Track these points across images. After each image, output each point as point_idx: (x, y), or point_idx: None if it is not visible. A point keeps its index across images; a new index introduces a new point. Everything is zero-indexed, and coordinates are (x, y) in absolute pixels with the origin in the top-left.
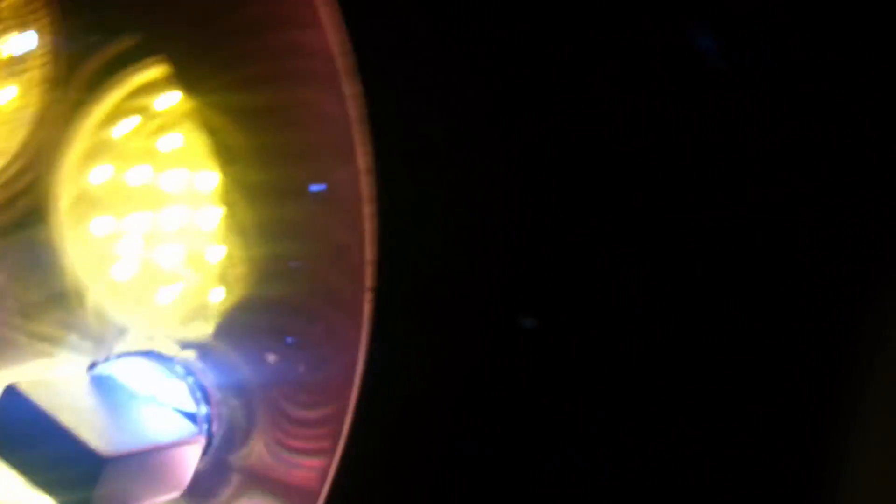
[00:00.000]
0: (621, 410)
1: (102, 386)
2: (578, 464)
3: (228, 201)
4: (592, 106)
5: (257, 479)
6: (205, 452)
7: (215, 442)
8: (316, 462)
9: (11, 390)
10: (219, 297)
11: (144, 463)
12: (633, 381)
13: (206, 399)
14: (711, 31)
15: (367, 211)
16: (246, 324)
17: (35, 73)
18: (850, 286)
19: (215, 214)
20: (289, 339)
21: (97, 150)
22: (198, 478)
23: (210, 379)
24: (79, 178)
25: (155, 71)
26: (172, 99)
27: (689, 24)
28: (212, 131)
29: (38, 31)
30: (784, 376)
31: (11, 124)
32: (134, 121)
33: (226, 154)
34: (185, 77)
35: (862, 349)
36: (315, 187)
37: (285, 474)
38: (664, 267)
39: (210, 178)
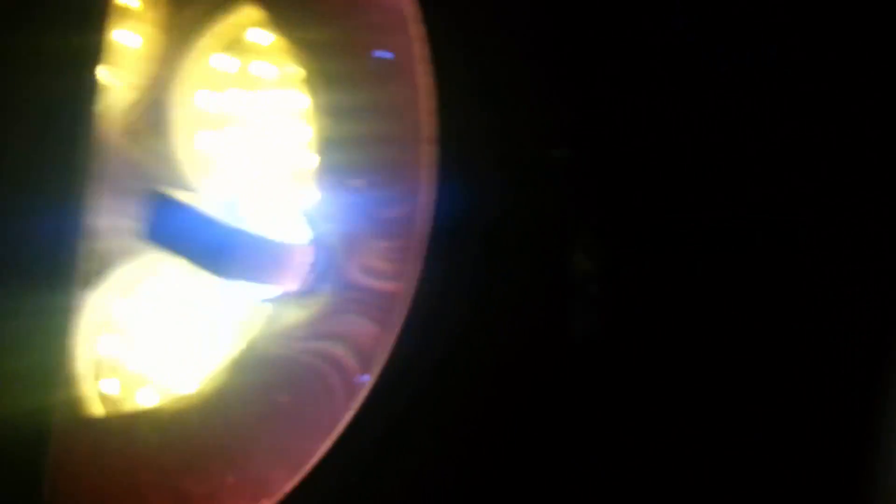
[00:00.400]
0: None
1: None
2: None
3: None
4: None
5: (350, 295)
6: (310, 269)
7: (318, 261)
8: (396, 286)
9: (158, 194)
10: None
11: (265, 251)
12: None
13: (310, 227)
14: (711, 31)
15: (423, 69)
16: (334, 172)
17: (150, 19)
18: (850, 286)
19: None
20: (370, 181)
21: (201, 78)
22: (303, 287)
23: (311, 213)
24: (187, 101)
25: (246, 12)
26: (267, 35)
27: (689, 24)
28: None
29: None
30: (784, 378)
31: (134, 62)
32: (235, 54)
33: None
34: (271, 17)
35: (866, 351)
36: (378, 53)
37: (372, 294)
38: (665, 266)
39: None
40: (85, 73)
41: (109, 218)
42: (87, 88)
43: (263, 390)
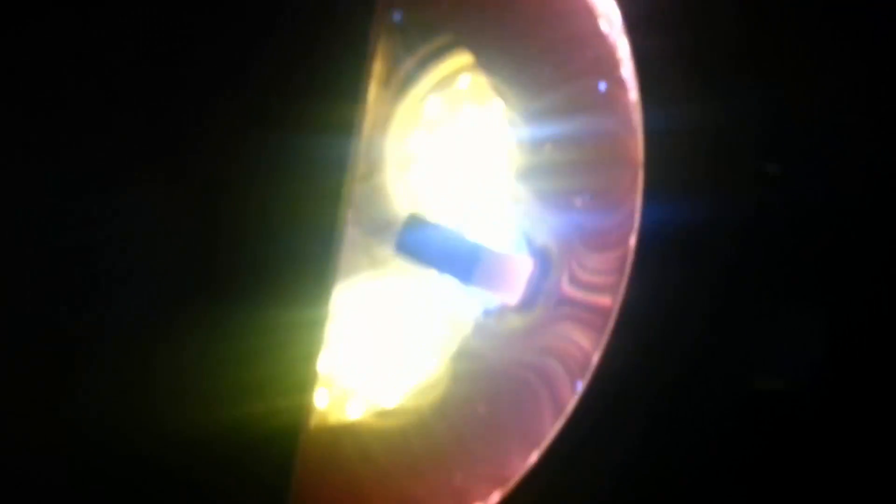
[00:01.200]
0: None
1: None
2: None
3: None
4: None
5: (562, 308)
6: (530, 278)
7: (536, 271)
8: (607, 299)
9: (413, 216)
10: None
11: (500, 264)
12: None
13: (526, 241)
14: None
15: (634, 100)
16: (547, 187)
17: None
18: None
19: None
20: (581, 199)
21: (414, 122)
22: (522, 299)
23: (526, 228)
24: (401, 142)
25: (458, 60)
26: (470, 79)
27: None
28: (502, 98)
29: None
30: None
31: None
32: (442, 97)
33: (514, 108)
34: (480, 62)
35: None
36: (588, 86)
37: (583, 307)
38: None
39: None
40: (347, 132)
41: None
42: (347, 144)
43: (472, 401)
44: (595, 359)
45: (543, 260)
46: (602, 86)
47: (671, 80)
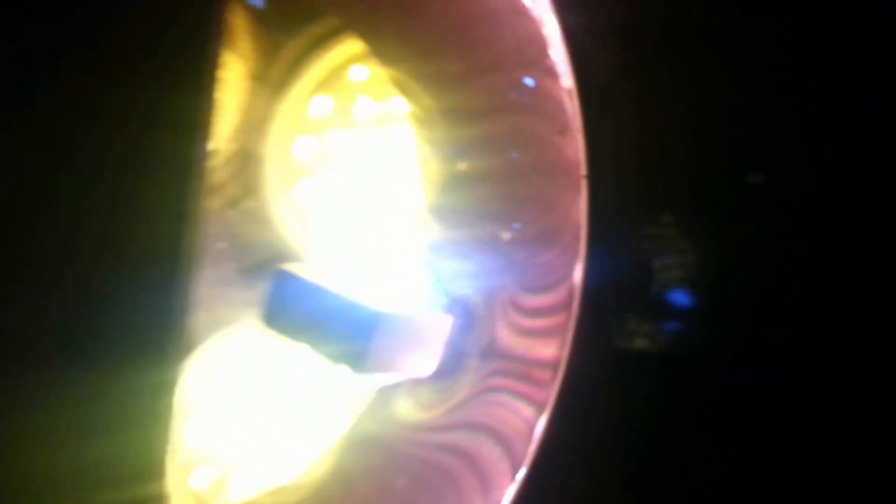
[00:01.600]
0: None
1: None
2: None
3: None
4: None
5: (496, 365)
6: (448, 338)
7: (456, 327)
8: (550, 350)
9: (282, 272)
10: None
11: (405, 329)
12: None
13: (446, 292)
14: None
15: (572, 106)
16: (470, 222)
17: (239, 67)
18: None
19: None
20: (508, 224)
21: (299, 126)
22: (440, 367)
23: (447, 274)
24: (283, 151)
25: (348, 48)
26: (365, 71)
27: None
28: (405, 94)
29: (237, 30)
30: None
31: (223, 113)
32: (331, 95)
33: (420, 105)
34: (374, 50)
35: None
36: (514, 82)
37: (523, 357)
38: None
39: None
40: (190, 136)
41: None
42: (191, 152)
43: (379, 476)
44: (539, 428)
45: (465, 313)
46: (528, 75)
47: (612, 63)
